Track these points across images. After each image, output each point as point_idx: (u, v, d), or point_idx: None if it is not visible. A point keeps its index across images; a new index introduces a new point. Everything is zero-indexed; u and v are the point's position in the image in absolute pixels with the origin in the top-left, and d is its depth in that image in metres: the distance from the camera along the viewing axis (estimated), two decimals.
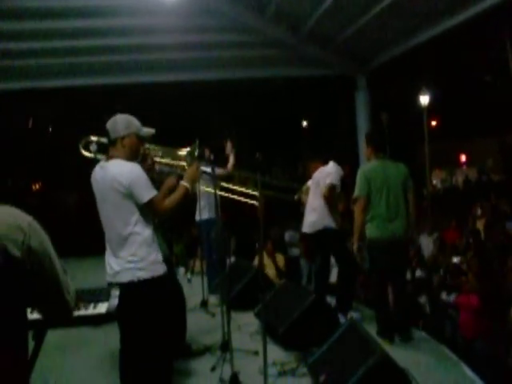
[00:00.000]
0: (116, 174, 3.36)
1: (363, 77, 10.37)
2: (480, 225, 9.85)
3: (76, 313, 2.16)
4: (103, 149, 3.79)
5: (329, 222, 6.19)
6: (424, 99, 21.10)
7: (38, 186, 20.17)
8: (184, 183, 3.63)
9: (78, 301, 2.02)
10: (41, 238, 1.67)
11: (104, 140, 3.73)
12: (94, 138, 3.93)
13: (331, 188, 6.17)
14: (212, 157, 6.05)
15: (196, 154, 3.98)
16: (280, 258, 8.74)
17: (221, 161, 6.20)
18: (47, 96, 12.42)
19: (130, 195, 3.34)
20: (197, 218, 7.24)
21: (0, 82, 9.52)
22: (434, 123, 27.08)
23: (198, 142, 3.97)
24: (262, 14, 8.56)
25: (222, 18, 8.65)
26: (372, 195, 5.37)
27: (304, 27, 8.82)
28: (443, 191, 22.27)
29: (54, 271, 1.70)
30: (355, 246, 5.50)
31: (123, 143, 3.46)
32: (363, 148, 5.55)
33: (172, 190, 3.66)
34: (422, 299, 6.76)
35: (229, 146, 6.62)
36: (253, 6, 8.45)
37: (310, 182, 6.57)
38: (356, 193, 5.47)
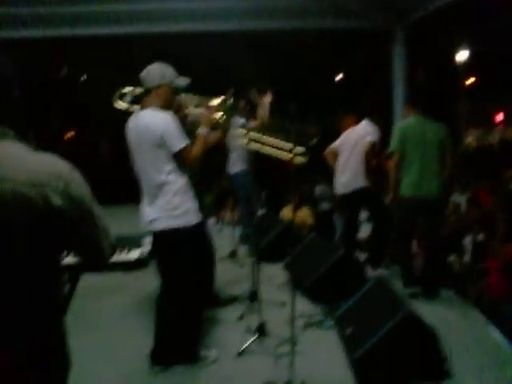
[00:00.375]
0: (148, 123, 3.39)
1: (401, 31, 10.11)
2: None
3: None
4: (138, 100, 3.80)
5: (363, 181, 6.20)
6: (461, 55, 20.56)
7: (71, 134, 20.34)
8: (201, 130, 3.63)
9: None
10: (81, 186, 1.68)
11: (138, 90, 3.73)
12: (127, 90, 3.93)
13: (373, 146, 6.19)
14: (248, 108, 6.01)
15: (229, 103, 3.97)
16: (307, 213, 8.75)
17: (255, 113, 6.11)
18: (83, 44, 12.36)
19: (162, 144, 3.36)
20: (228, 170, 7.27)
21: (35, 28, 9.53)
22: (471, 80, 26.39)
23: (232, 91, 3.95)
24: None
25: None
26: (407, 152, 5.34)
27: None
28: (477, 150, 21.82)
29: (93, 219, 1.72)
30: (389, 200, 5.55)
31: (158, 92, 3.47)
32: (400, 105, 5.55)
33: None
34: (452, 258, 6.72)
35: (254, 94, 6.41)
36: None
37: (337, 143, 6.50)
38: (391, 147, 5.44)
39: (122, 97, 3.95)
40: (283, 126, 5.06)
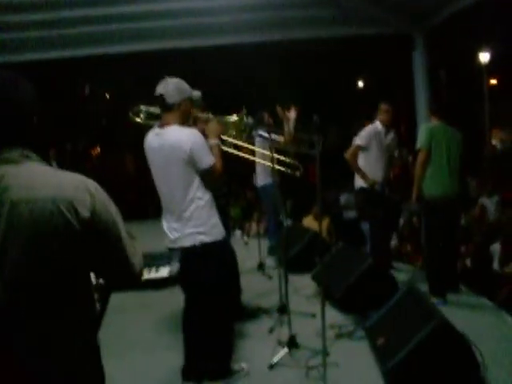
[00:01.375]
0: (176, 140, 3.39)
1: (421, 35, 10.03)
2: None
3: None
4: (152, 117, 3.81)
5: (358, 182, 6.45)
6: (484, 56, 20.35)
7: (96, 151, 20.59)
8: (212, 141, 3.63)
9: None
10: (106, 201, 1.70)
11: (153, 109, 3.74)
12: (143, 108, 3.96)
13: (355, 148, 6.44)
14: (271, 121, 6.03)
15: (244, 121, 3.97)
16: (325, 222, 8.68)
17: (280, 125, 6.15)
18: (107, 62, 12.54)
19: (191, 161, 3.37)
20: (255, 182, 7.28)
21: (59, 49, 9.67)
22: (493, 81, 26.11)
23: (245, 110, 3.96)
24: None
25: None
26: (433, 151, 5.43)
27: None
28: (503, 152, 21.53)
29: (119, 234, 1.73)
30: (414, 197, 5.61)
31: (180, 109, 3.47)
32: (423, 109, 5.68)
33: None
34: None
35: (279, 110, 6.41)
36: None
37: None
38: (418, 145, 5.53)
39: (138, 113, 3.99)
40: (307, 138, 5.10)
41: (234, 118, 3.99)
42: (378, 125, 6.46)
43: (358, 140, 6.45)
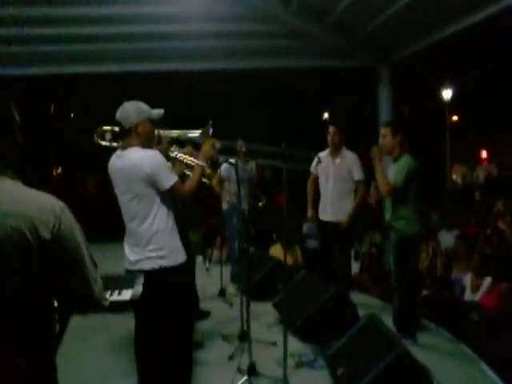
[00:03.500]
0: (137, 161, 3.34)
1: (386, 69, 10.27)
2: (502, 224, 9.70)
3: None
4: (117, 137, 3.77)
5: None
6: (446, 93, 20.90)
7: (58, 171, 20.32)
8: (199, 162, 3.61)
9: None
10: (71, 224, 1.68)
11: (117, 129, 3.70)
12: (107, 128, 3.91)
13: (311, 176, 6.55)
14: (243, 148, 6.02)
15: (209, 134, 3.93)
16: (295, 251, 8.69)
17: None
18: (70, 82, 12.45)
19: (152, 182, 3.33)
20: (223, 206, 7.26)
21: (23, 67, 9.59)
22: (455, 118, 26.80)
23: (210, 122, 3.93)
24: (287, 4, 8.49)
25: (246, 6, 8.58)
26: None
27: (328, 18, 8.73)
28: (463, 187, 22.00)
29: (82, 259, 1.71)
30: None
31: (137, 131, 3.42)
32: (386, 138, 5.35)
33: (180, 176, 3.63)
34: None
35: (240, 144, 6.31)
36: None
37: None
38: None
39: (102, 135, 3.93)
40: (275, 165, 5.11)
41: (196, 132, 3.94)
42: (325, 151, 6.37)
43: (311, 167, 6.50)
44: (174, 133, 3.99)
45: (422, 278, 5.80)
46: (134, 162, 3.35)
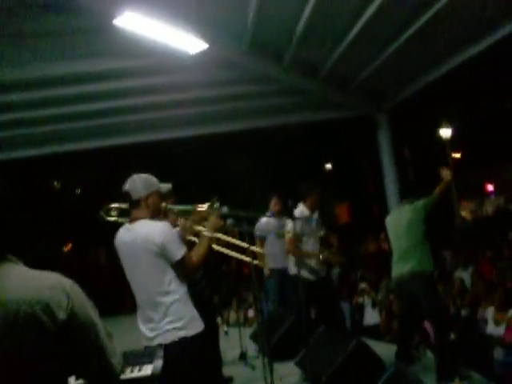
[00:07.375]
0: (148, 234, 3.35)
1: (383, 115, 10.37)
2: None
3: (122, 376, 2.15)
4: (124, 213, 3.80)
5: None
6: (445, 132, 21.04)
7: (68, 247, 20.37)
8: (206, 233, 3.62)
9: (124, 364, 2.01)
10: (83, 301, 1.68)
11: (124, 205, 3.73)
12: (114, 205, 3.95)
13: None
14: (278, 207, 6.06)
15: (216, 207, 3.97)
16: None
17: None
18: (75, 159, 12.62)
19: (163, 254, 3.32)
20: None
21: (25, 148, 9.71)
22: (457, 155, 26.88)
23: (216, 198, 3.97)
24: (279, 62, 8.65)
25: (240, 70, 8.72)
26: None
27: (321, 72, 8.87)
28: (473, 222, 21.91)
29: (98, 335, 1.69)
30: None
31: (147, 203, 3.45)
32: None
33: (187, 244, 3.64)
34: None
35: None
36: (269, 55, 8.57)
37: None
38: None
39: (108, 211, 3.96)
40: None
41: (204, 206, 3.97)
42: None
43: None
44: (182, 206, 4.03)
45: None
46: (144, 233, 3.36)
